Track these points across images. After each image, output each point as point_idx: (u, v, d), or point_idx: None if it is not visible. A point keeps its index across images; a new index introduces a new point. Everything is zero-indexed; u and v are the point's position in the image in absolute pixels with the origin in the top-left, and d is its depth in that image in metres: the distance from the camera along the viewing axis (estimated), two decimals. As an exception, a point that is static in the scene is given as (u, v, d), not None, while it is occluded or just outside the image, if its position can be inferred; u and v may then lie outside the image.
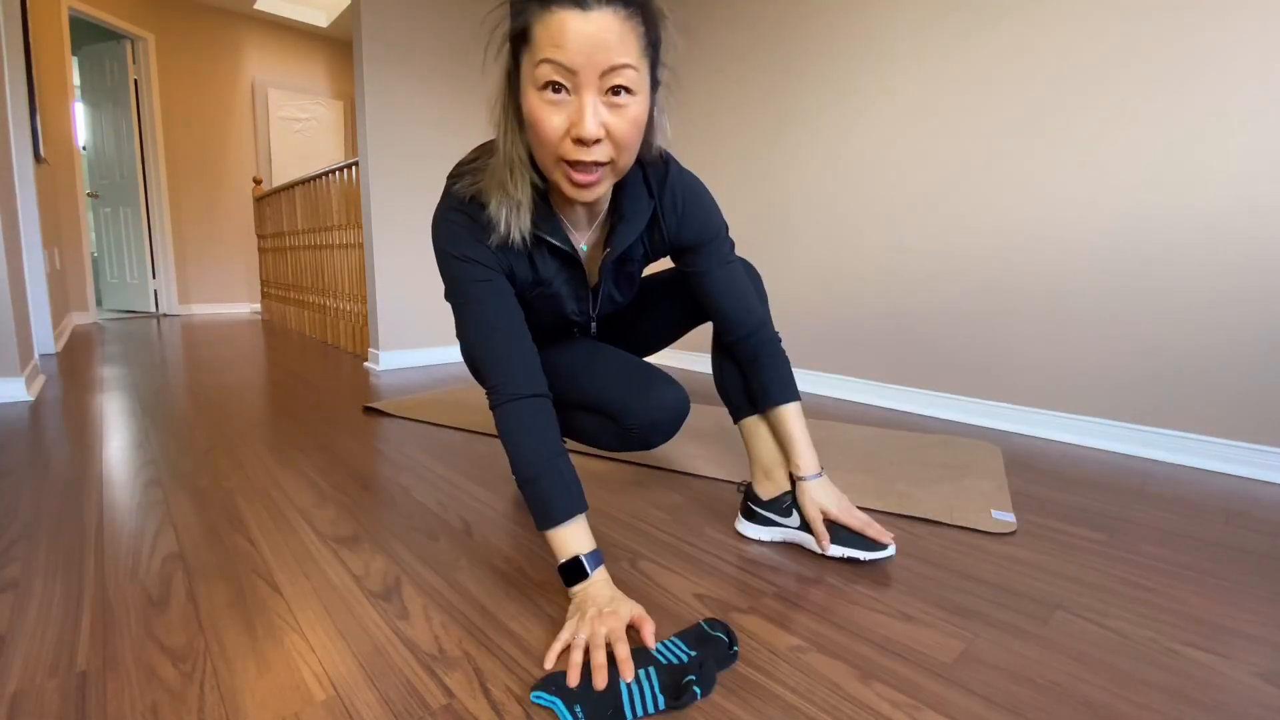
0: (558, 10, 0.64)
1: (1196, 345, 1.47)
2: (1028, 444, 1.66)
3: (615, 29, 0.64)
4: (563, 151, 0.69)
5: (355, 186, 2.77)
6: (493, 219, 0.77)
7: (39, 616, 0.78)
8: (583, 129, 0.66)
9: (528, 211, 0.78)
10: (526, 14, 0.66)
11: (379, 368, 2.60)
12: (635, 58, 0.67)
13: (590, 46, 0.64)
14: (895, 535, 1.04)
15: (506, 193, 0.76)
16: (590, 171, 0.71)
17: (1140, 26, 1.49)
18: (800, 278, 2.30)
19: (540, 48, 0.65)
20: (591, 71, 0.65)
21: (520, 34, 0.68)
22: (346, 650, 0.72)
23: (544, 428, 0.80)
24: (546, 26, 0.64)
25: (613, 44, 0.64)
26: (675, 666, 0.68)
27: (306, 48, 5.42)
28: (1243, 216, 1.39)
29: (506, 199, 0.76)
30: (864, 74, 2.05)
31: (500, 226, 0.77)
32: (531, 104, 0.68)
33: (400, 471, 1.35)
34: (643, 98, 0.70)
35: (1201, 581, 0.94)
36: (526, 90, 0.69)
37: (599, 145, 0.69)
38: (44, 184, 3.17)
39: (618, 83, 0.66)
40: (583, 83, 0.66)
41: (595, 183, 0.72)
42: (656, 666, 0.68)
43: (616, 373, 0.94)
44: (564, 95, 0.67)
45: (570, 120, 0.67)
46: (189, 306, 5.02)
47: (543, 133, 0.69)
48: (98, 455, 1.43)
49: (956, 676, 0.70)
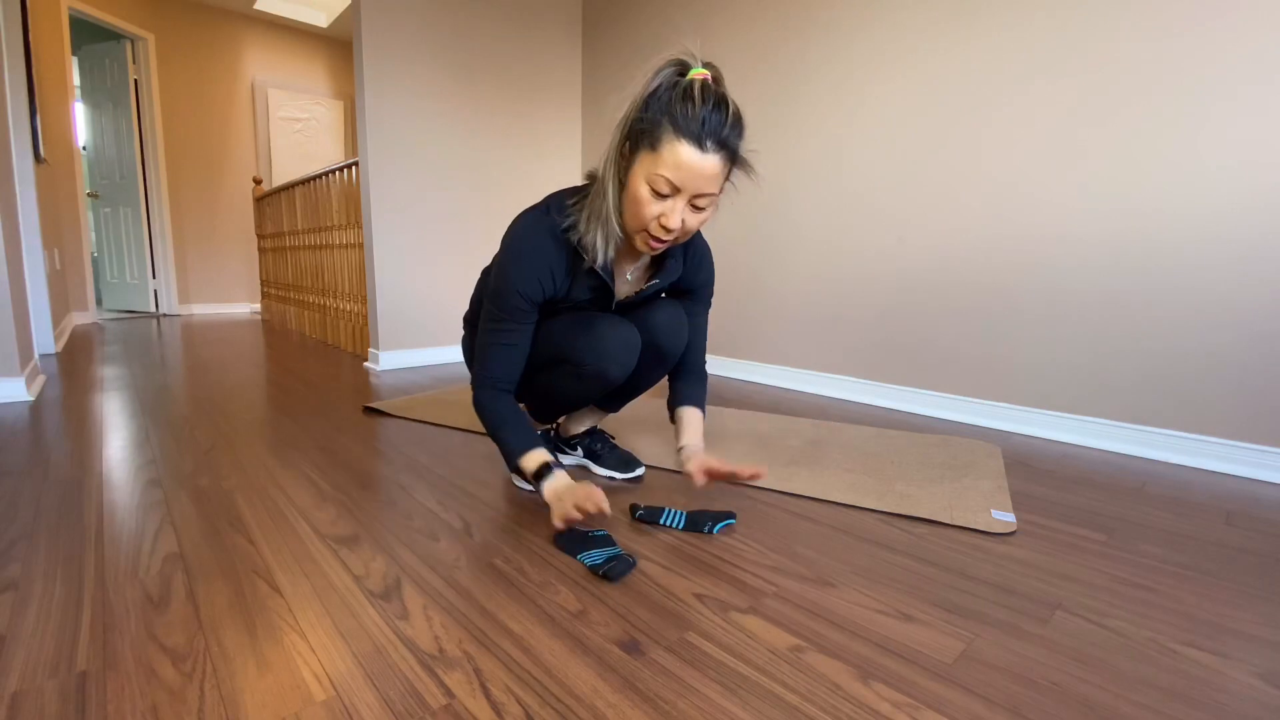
0: (685, 143, 0.88)
1: (1196, 345, 1.47)
2: (1028, 444, 1.66)
3: (714, 169, 0.90)
4: (651, 229, 0.96)
5: (355, 186, 2.77)
6: (586, 244, 1.02)
7: (39, 616, 0.78)
8: (670, 223, 0.94)
9: (614, 245, 1.02)
10: (661, 129, 0.89)
11: (379, 368, 2.60)
12: (718, 187, 0.94)
13: (696, 178, 0.90)
14: (895, 535, 1.05)
15: (608, 228, 1.00)
16: (661, 243, 0.98)
17: (1140, 26, 1.49)
18: (800, 277, 2.30)
19: (662, 163, 0.90)
20: (689, 192, 0.92)
21: (649, 137, 0.91)
22: (346, 650, 0.72)
23: (512, 404, 1.12)
24: (673, 151, 0.89)
25: (709, 178, 0.91)
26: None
27: (306, 48, 5.42)
28: (1243, 215, 1.39)
29: (606, 232, 1.00)
30: (864, 74, 2.05)
31: (593, 251, 1.01)
32: (639, 191, 0.93)
33: (400, 471, 1.35)
34: (712, 209, 0.98)
35: (1201, 581, 0.94)
36: (638, 176, 0.93)
37: (674, 231, 0.95)
38: (44, 184, 3.17)
39: (701, 201, 0.94)
40: (681, 195, 0.92)
41: (661, 249, 1.00)
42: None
43: (571, 324, 1.12)
44: (664, 197, 0.93)
45: (663, 213, 0.94)
46: (189, 306, 5.02)
47: (641, 214, 0.95)
48: (98, 455, 1.43)
49: (956, 676, 0.70)
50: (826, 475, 1.34)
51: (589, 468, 1.37)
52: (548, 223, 1.04)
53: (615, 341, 1.09)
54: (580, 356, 1.09)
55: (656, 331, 1.16)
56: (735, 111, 0.91)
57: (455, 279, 2.80)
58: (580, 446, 1.38)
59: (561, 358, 1.12)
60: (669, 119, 0.89)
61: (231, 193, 5.11)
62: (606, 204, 0.98)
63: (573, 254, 1.06)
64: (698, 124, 0.87)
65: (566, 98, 3.14)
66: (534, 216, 1.06)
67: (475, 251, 2.85)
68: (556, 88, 3.09)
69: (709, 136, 0.88)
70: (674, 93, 0.89)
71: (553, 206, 1.05)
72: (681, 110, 0.88)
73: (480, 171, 2.83)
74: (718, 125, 0.88)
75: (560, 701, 0.65)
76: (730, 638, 0.76)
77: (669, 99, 0.89)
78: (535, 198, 3.04)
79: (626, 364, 1.12)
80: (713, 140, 0.88)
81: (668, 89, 0.90)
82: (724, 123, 0.89)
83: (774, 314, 2.41)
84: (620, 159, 0.97)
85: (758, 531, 1.08)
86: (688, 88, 0.88)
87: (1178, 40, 1.45)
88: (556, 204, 1.05)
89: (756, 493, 1.26)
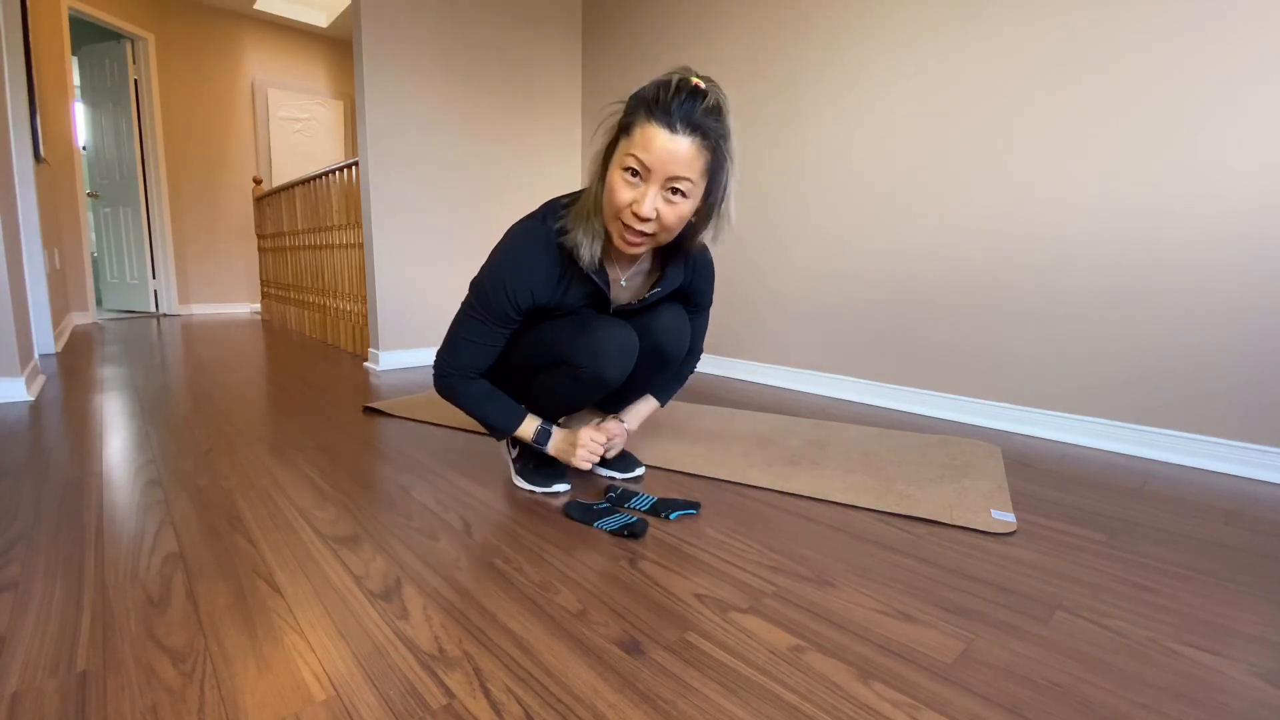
0: (655, 124, 0.90)
1: (1196, 345, 1.47)
2: (1028, 444, 1.66)
3: (687, 152, 0.90)
4: (624, 217, 0.96)
5: (355, 186, 2.77)
6: (573, 243, 1.02)
7: (39, 616, 0.78)
8: (641, 208, 0.93)
9: (599, 243, 1.03)
10: (635, 115, 0.92)
11: (379, 368, 2.60)
12: (696, 175, 0.93)
13: (666, 157, 0.90)
14: (895, 535, 1.06)
15: (591, 226, 1.01)
16: (637, 236, 0.97)
17: (1140, 25, 1.49)
18: (800, 277, 2.30)
19: (634, 143, 0.92)
20: (660, 173, 0.91)
21: (625, 126, 0.94)
22: (346, 650, 0.72)
23: (481, 383, 1.15)
24: (644, 132, 0.91)
25: (682, 161, 0.90)
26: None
27: (306, 48, 5.42)
28: (1243, 215, 1.39)
29: (589, 229, 1.02)
30: (865, 74, 2.05)
31: (579, 249, 1.02)
32: (613, 177, 0.95)
33: (400, 471, 1.35)
34: (692, 201, 0.96)
35: (1201, 581, 0.94)
36: (614, 165, 0.95)
37: (649, 222, 0.95)
38: (44, 184, 3.17)
39: (676, 186, 0.93)
40: (652, 178, 0.92)
41: (639, 245, 0.99)
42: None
43: (569, 326, 1.12)
44: (637, 180, 0.93)
45: (634, 199, 0.94)
46: (189, 306, 5.02)
47: (614, 199, 0.95)
48: (98, 455, 1.43)
49: (956, 676, 0.70)
50: (826, 475, 1.34)
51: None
52: (542, 231, 1.05)
53: (613, 344, 1.09)
54: (578, 359, 1.09)
55: (659, 335, 1.17)
56: (715, 100, 0.92)
57: (455, 279, 2.80)
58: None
59: (560, 360, 1.12)
60: (644, 106, 0.91)
61: (231, 193, 5.11)
62: (590, 198, 1.00)
63: (566, 261, 1.06)
64: (669, 106, 0.89)
65: (567, 97, 3.14)
66: (528, 225, 1.07)
67: (475, 251, 2.85)
68: (557, 88, 3.09)
69: (680, 119, 0.89)
70: (655, 87, 0.92)
71: (548, 214, 1.06)
72: (656, 96, 0.91)
73: (480, 171, 2.83)
74: (689, 109, 0.89)
75: (560, 701, 0.65)
76: (730, 638, 0.76)
77: (649, 92, 0.92)
78: (535, 198, 3.05)
79: (624, 366, 1.11)
80: (684, 123, 0.89)
81: (653, 86, 0.93)
82: (696, 107, 0.90)
83: (774, 314, 2.41)
84: (605, 157, 0.99)
85: (758, 531, 1.08)
86: (668, 81, 0.91)
87: (1178, 41, 1.45)
88: (551, 211, 1.07)
89: (756, 493, 1.26)
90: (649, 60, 2.79)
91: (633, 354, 1.12)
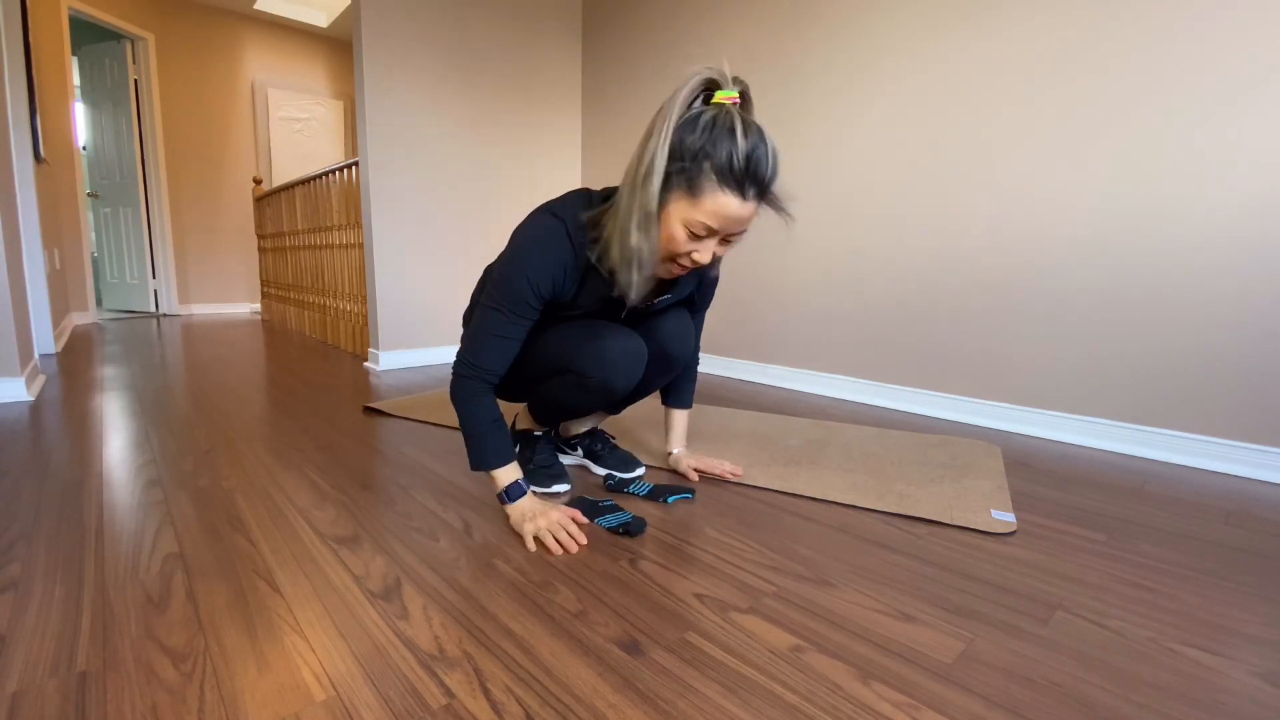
0: (727, 194, 0.88)
1: (1196, 345, 1.47)
2: (1028, 444, 1.66)
3: (752, 213, 0.92)
4: (681, 262, 0.97)
5: (355, 186, 2.77)
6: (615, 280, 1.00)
7: (39, 616, 0.78)
8: (702, 260, 0.95)
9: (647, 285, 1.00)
10: (704, 175, 0.87)
11: (379, 368, 2.60)
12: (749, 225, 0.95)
13: (733, 223, 0.91)
14: (895, 535, 1.06)
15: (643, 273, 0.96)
16: (685, 271, 1.01)
17: (1141, 27, 1.49)
18: (801, 277, 2.30)
19: (703, 209, 0.89)
20: (725, 231, 0.93)
21: (691, 182, 0.88)
22: (346, 650, 0.72)
23: (492, 403, 1.09)
24: (715, 199, 0.88)
25: (746, 220, 0.92)
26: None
27: (306, 48, 5.42)
28: (1243, 215, 1.39)
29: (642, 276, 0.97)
30: (866, 74, 2.05)
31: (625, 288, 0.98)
32: (676, 228, 0.92)
33: (400, 471, 1.35)
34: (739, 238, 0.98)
35: (1201, 581, 0.94)
36: (674, 218, 0.92)
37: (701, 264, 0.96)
38: (44, 184, 3.17)
39: (733, 239, 0.96)
40: (716, 235, 0.93)
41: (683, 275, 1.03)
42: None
43: (577, 334, 1.10)
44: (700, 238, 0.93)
45: (695, 250, 0.94)
46: (189, 306, 5.02)
47: (674, 249, 0.95)
48: (98, 455, 1.43)
49: (956, 676, 0.70)
50: (826, 475, 1.34)
51: (589, 467, 1.38)
52: (561, 227, 1.01)
53: (621, 354, 1.07)
54: (586, 368, 1.07)
55: (665, 339, 1.17)
56: (774, 151, 0.89)
57: (455, 279, 2.80)
58: (580, 447, 1.38)
59: (566, 368, 1.10)
60: (711, 165, 0.86)
61: (231, 193, 5.11)
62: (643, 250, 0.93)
63: (584, 261, 1.03)
64: (741, 172, 0.86)
65: (567, 97, 3.14)
66: (548, 218, 1.02)
67: (475, 251, 2.85)
68: (557, 87, 3.09)
69: (751, 185, 0.88)
70: (712, 133, 0.85)
71: (567, 218, 1.01)
72: (730, 164, 0.85)
73: (480, 171, 2.83)
74: (759, 174, 0.87)
75: (560, 701, 0.65)
76: (730, 638, 0.76)
77: (706, 140, 0.85)
78: (535, 197, 3.05)
79: (633, 376, 1.09)
80: (755, 189, 0.89)
81: (705, 129, 0.86)
82: (766, 170, 0.88)
83: (775, 314, 2.41)
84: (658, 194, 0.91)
85: (758, 531, 1.08)
86: (730, 126, 0.85)
87: (1178, 42, 1.45)
88: (570, 214, 1.01)
89: (757, 493, 1.26)
90: (649, 60, 2.79)
91: (641, 363, 1.10)
